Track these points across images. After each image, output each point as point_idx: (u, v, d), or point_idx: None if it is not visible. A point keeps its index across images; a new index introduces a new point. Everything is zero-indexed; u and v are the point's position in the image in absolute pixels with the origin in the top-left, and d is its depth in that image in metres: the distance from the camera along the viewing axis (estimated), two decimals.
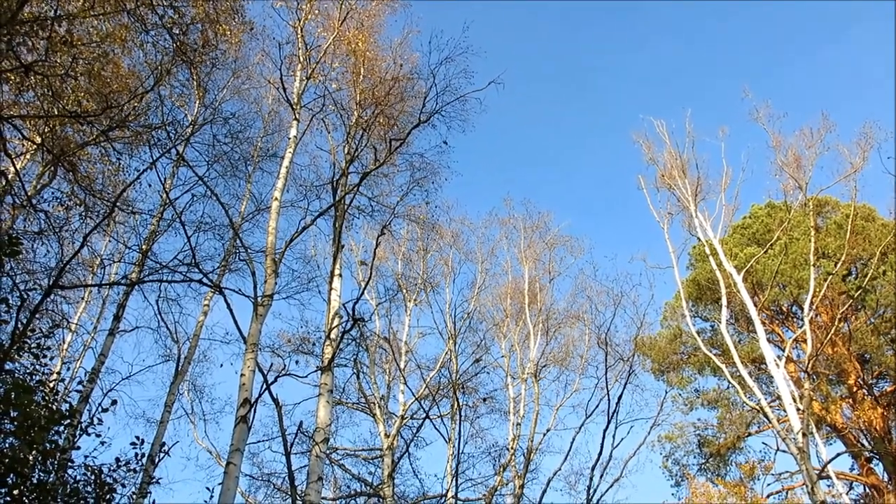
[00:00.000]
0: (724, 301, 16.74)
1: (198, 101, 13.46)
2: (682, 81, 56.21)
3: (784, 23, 56.37)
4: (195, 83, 12.77)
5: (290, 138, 11.93)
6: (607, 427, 13.42)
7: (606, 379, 14.59)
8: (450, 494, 13.29)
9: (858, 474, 20.75)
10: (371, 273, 12.18)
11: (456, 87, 13.24)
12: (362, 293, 10.44)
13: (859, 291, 19.33)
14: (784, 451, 17.83)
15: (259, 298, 9.42)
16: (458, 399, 13.55)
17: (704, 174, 18.34)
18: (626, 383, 14.59)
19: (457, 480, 13.45)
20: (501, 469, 16.02)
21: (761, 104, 18.43)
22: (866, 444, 20.42)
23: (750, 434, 21.84)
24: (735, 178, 18.34)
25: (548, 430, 17.62)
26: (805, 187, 17.79)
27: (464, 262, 20.25)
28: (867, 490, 20.45)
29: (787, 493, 21.02)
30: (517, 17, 62.94)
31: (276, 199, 10.94)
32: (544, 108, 60.70)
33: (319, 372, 10.04)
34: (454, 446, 14.20)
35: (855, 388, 20.63)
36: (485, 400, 17.13)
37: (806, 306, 16.81)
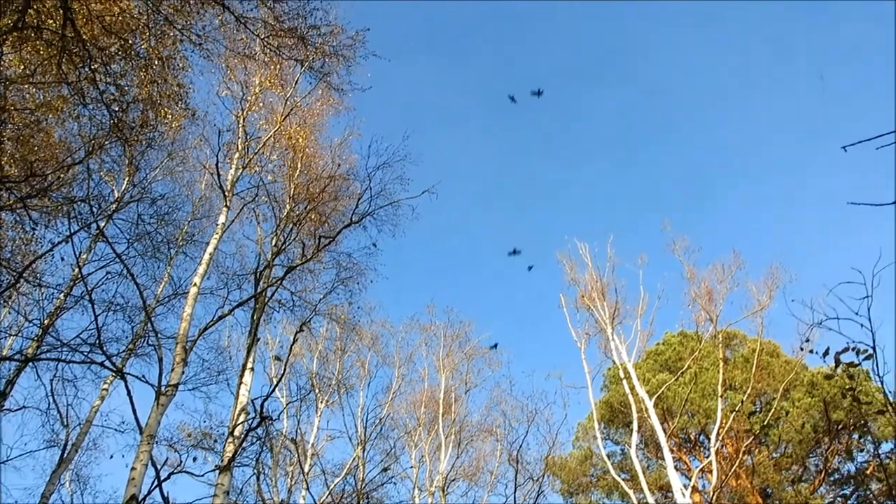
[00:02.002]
0: (635, 425, 16.94)
1: (127, 179, 13.22)
2: (610, 207, 58.83)
3: (707, 163, 60.31)
4: (127, 160, 12.59)
5: (218, 224, 11.78)
6: None
7: (515, 498, 14.32)
8: None
9: None
10: (285, 370, 11.87)
11: (390, 192, 13.51)
12: (273, 390, 10.08)
13: (763, 427, 19.91)
14: None
15: (163, 387, 8.98)
16: None
17: (622, 298, 18.96)
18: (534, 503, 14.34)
19: None
20: None
21: (678, 237, 19.52)
22: None
23: None
24: (651, 304, 19.02)
25: None
26: (716, 320, 18.61)
27: (381, 366, 19.98)
28: None
29: None
30: (459, 130, 65.39)
31: (196, 284, 10.66)
32: (478, 217, 62.21)
33: (217, 471, 9.52)
34: None
35: None
36: None
37: (713, 437, 17.20)
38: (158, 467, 8.20)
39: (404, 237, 14.19)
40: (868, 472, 20.90)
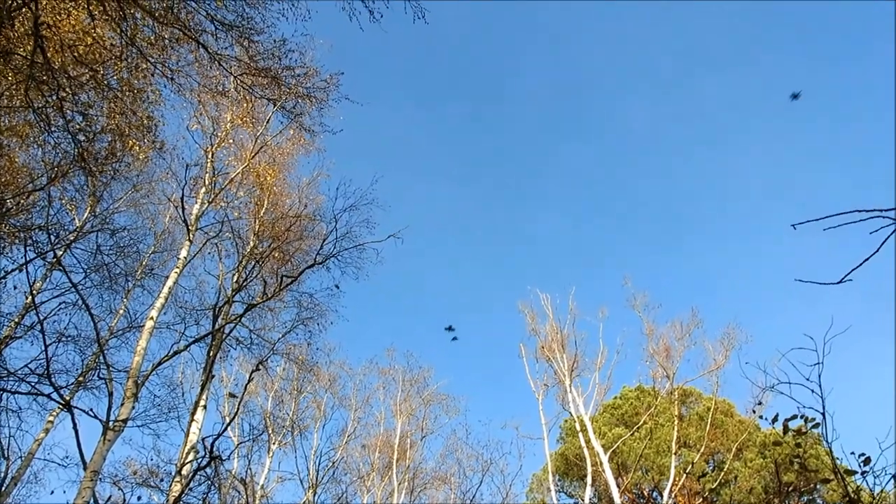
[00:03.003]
0: (589, 479, 16.93)
1: (89, 209, 13.06)
2: (574, 260, 59.48)
3: (666, 223, 61.56)
4: (90, 190, 12.46)
5: (179, 258, 11.67)
6: None
7: None
8: None
9: None
10: (238, 408, 11.68)
11: (356, 235, 13.57)
12: (225, 428, 9.89)
13: (715, 484, 20.01)
14: None
15: (111, 422, 8.77)
16: None
17: (582, 351, 19.14)
18: None
19: None
20: None
21: (639, 293, 19.90)
22: None
23: None
24: (610, 358, 19.22)
25: None
26: (672, 377, 18.89)
27: (337, 408, 19.72)
28: None
29: None
30: (428, 178, 65.95)
31: (152, 318, 10.51)
32: (444, 262, 62.39)
33: None
34: None
35: None
36: None
37: (665, 493, 17.28)
38: None
39: (367, 280, 14.17)
40: None
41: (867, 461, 4.56)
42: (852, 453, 4.65)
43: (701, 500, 19.12)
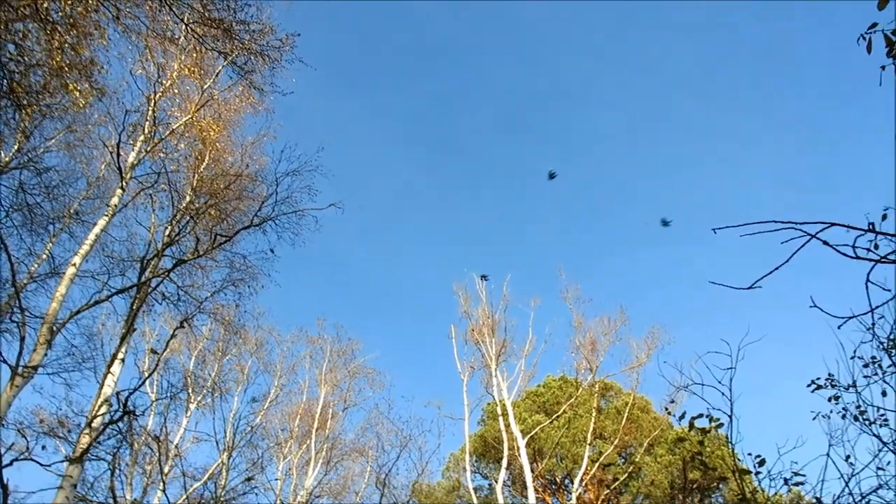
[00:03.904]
0: (504, 462, 17.26)
1: (17, 145, 12.48)
2: (517, 247, 59.98)
3: (609, 224, 62.65)
4: (20, 126, 11.88)
5: (109, 206, 11.30)
6: None
7: None
8: None
9: None
10: (158, 364, 11.43)
11: (297, 200, 13.41)
12: (142, 383, 9.67)
13: (624, 476, 20.69)
14: None
15: (20, 368, 8.48)
16: None
17: (511, 337, 19.42)
18: None
19: None
20: None
21: (571, 286, 20.29)
22: None
23: None
24: (538, 346, 19.58)
25: None
26: (595, 370, 19.39)
27: (261, 373, 19.52)
28: None
29: None
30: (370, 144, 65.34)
31: (74, 265, 10.17)
32: (378, 239, 62.05)
33: (67, 462, 9.03)
34: None
35: None
36: None
37: (577, 481, 17.79)
38: (1, 452, 7.70)
39: (304, 247, 14.02)
40: None
41: (762, 462, 4.80)
42: (749, 454, 4.89)
43: (608, 491, 19.74)
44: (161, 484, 15.01)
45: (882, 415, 4.99)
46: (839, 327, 3.35)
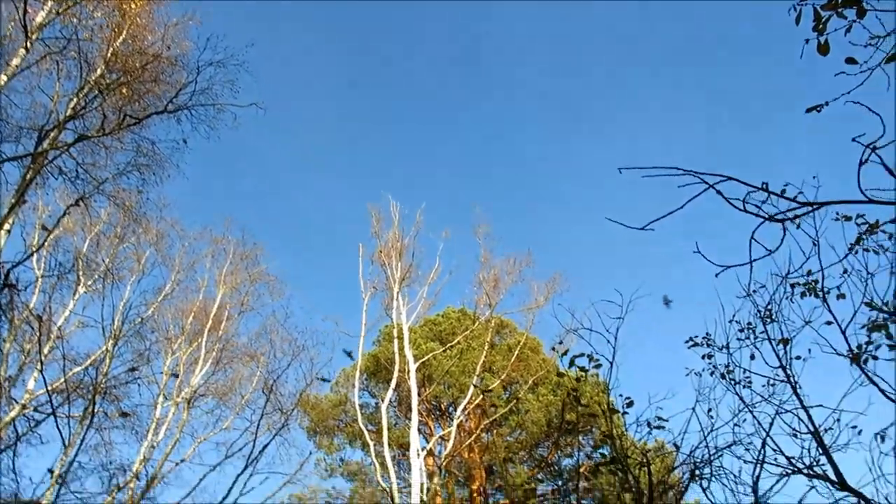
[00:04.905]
0: (393, 383, 17.67)
1: None
2: (435, 178, 59.69)
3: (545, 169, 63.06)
4: None
5: (9, 65, 10.52)
6: (242, 472, 13.21)
7: (258, 425, 14.39)
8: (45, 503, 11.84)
9: None
10: (47, 239, 10.93)
11: (217, 94, 12.90)
12: (28, 257, 9.28)
13: (506, 409, 21.60)
14: None
15: None
16: (94, 403, 12.29)
17: (417, 264, 19.58)
18: (276, 434, 14.51)
19: (59, 490, 12.05)
20: (115, 489, 14.74)
21: (484, 223, 20.60)
22: None
23: None
24: (442, 276, 19.84)
25: (182, 461, 16.79)
26: (494, 306, 19.92)
27: (158, 265, 18.96)
28: None
29: None
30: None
31: None
32: (303, 149, 60.42)
33: None
34: (71, 452, 12.79)
35: (475, 494, 22.65)
36: (125, 415, 15.82)
37: (460, 409, 18.44)
38: None
39: (219, 142, 13.51)
40: (581, 470, 23.40)
41: (630, 404, 5.13)
42: (620, 395, 5.20)
43: (488, 421, 20.58)
44: (39, 364, 14.54)
45: (748, 377, 5.34)
46: (717, 275, 3.53)
